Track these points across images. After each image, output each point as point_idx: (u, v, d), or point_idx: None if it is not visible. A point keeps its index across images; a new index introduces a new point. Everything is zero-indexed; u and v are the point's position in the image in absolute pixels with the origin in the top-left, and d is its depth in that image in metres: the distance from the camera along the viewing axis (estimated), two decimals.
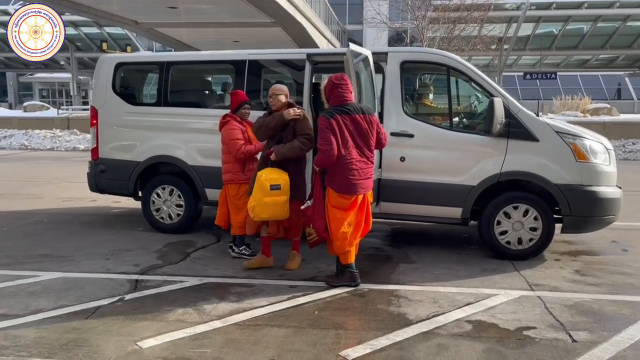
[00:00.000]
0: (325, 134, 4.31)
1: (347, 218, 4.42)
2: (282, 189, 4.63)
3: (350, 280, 4.55)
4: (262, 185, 4.59)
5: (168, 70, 6.47)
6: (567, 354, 3.35)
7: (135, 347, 3.38)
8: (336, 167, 4.36)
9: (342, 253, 4.51)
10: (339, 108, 4.39)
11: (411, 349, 3.41)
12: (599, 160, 5.25)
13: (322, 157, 4.34)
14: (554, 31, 30.46)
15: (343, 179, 4.36)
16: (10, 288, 4.47)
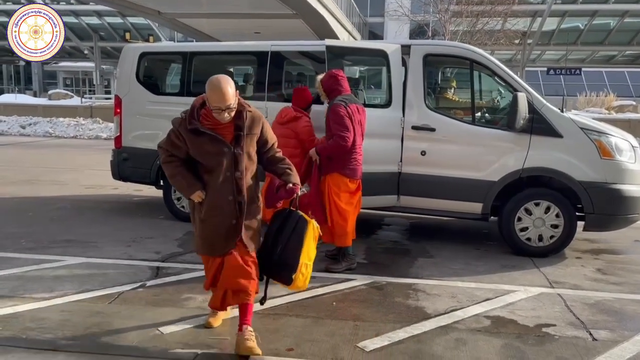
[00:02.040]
0: (345, 121, 4.52)
1: (354, 201, 4.74)
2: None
3: (350, 263, 4.80)
4: (316, 234, 3.40)
5: (191, 60, 6.52)
6: (587, 352, 3.33)
7: (157, 333, 3.44)
8: (349, 154, 4.59)
9: (343, 235, 4.71)
10: (347, 97, 4.65)
11: (429, 343, 3.42)
12: (624, 157, 5.17)
13: (340, 144, 4.49)
14: (580, 26, 29.95)
15: (354, 164, 4.65)
16: (35, 272, 4.58)
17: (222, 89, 2.97)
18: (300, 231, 3.26)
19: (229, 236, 3.16)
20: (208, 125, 3.07)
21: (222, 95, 2.97)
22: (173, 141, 3.15)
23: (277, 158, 3.35)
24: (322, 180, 4.72)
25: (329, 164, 4.63)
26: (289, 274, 3.23)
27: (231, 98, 2.99)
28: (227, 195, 3.12)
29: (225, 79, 3.02)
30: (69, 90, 33.78)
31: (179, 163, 3.18)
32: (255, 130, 3.17)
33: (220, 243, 3.18)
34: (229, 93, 2.98)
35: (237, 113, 3.09)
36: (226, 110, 3.00)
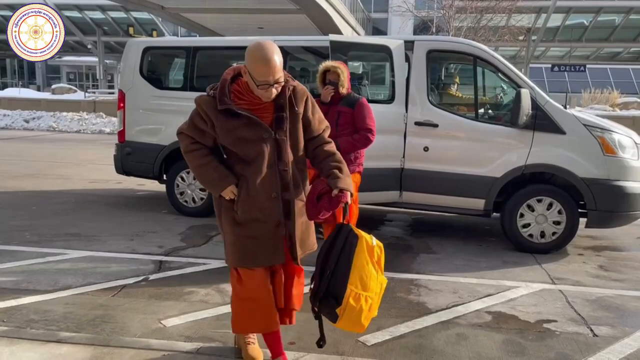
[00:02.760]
0: (373, 115, 4.58)
1: (356, 196, 4.75)
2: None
3: None
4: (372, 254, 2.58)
5: (195, 55, 6.53)
6: (588, 348, 3.34)
7: (160, 325, 3.47)
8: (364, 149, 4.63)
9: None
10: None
11: (430, 337, 3.44)
12: (627, 154, 5.17)
13: (370, 139, 4.49)
14: (585, 22, 29.84)
15: (363, 159, 4.68)
16: (39, 265, 4.61)
17: (271, 58, 2.36)
18: (349, 250, 2.50)
19: (274, 244, 2.59)
20: (243, 104, 2.48)
21: (271, 66, 2.35)
22: (197, 125, 2.53)
23: (326, 151, 2.64)
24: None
25: (357, 162, 4.60)
26: (332, 308, 2.49)
27: (280, 70, 2.40)
28: (270, 191, 2.52)
29: (272, 46, 2.40)
30: (73, 84, 33.83)
31: (206, 151, 2.58)
32: (299, 109, 2.56)
33: (263, 252, 2.58)
34: (278, 64, 2.38)
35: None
36: (274, 85, 2.40)
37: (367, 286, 2.48)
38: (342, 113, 4.47)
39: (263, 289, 2.62)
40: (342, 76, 4.46)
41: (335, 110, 4.47)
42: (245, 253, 2.57)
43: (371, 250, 2.51)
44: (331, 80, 4.47)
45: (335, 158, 2.61)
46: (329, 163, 2.59)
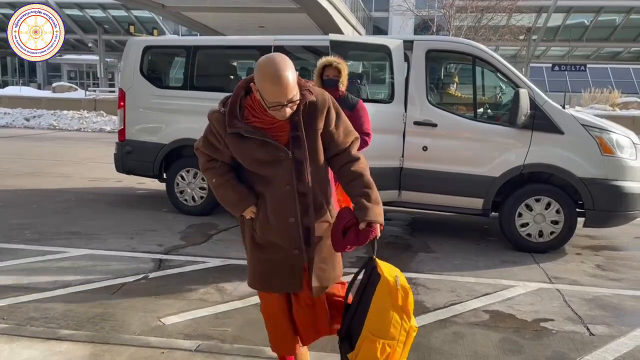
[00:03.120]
0: (369, 117, 4.38)
1: None
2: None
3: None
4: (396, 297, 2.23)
5: (194, 54, 6.55)
6: (584, 347, 3.36)
7: (159, 324, 3.49)
8: None
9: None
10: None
11: (427, 336, 3.46)
12: (625, 154, 5.19)
13: (368, 143, 4.21)
14: (585, 22, 29.79)
15: None
16: (40, 263, 4.64)
17: (282, 77, 2.07)
18: (370, 290, 2.27)
19: (290, 271, 2.36)
20: (256, 122, 2.23)
21: (281, 86, 2.08)
22: (211, 142, 2.31)
23: (352, 172, 2.34)
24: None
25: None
26: (345, 353, 2.34)
27: (293, 88, 2.12)
28: (288, 216, 2.29)
29: (283, 62, 2.10)
30: (73, 83, 33.85)
31: (224, 169, 2.36)
32: (317, 124, 2.27)
33: (278, 278, 2.39)
34: (290, 82, 2.09)
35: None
36: (288, 105, 2.14)
37: (385, 333, 2.19)
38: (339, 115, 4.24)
39: (279, 315, 2.48)
40: (343, 73, 4.20)
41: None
42: (260, 275, 2.42)
43: (394, 293, 2.18)
44: (330, 76, 4.21)
45: (363, 181, 2.32)
46: (356, 189, 2.32)
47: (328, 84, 4.19)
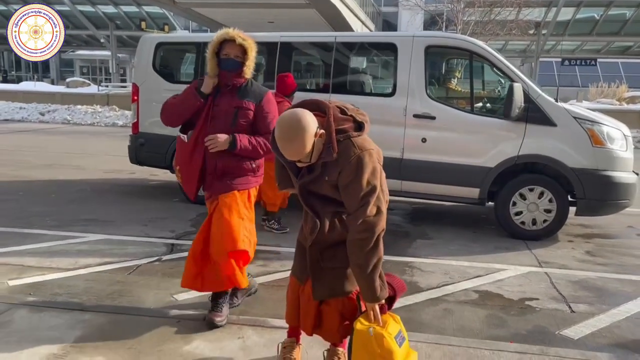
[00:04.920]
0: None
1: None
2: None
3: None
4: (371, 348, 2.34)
5: (205, 50, 6.81)
6: (564, 322, 3.62)
7: (172, 299, 3.81)
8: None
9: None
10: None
11: (419, 312, 3.74)
12: (615, 146, 5.41)
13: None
14: (595, 16, 29.66)
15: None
16: (61, 246, 4.97)
17: (284, 147, 2.24)
18: (350, 346, 2.41)
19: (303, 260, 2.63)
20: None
21: (287, 154, 2.26)
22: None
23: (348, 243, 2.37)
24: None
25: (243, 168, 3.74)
26: None
27: (301, 154, 2.22)
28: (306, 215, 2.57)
29: (294, 130, 2.19)
30: (86, 78, 34.35)
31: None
32: (329, 177, 2.34)
33: (297, 262, 2.70)
34: (297, 150, 2.21)
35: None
36: (297, 162, 2.33)
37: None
38: (242, 110, 3.19)
39: (290, 293, 2.75)
40: (249, 54, 3.16)
41: (232, 103, 3.19)
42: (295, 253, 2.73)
43: (367, 342, 2.31)
44: (231, 55, 3.13)
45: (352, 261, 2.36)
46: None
47: (226, 65, 3.14)
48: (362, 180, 2.26)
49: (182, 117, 3.28)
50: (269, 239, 5.39)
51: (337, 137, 2.27)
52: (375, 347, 2.29)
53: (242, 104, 3.18)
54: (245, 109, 3.18)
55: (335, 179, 2.31)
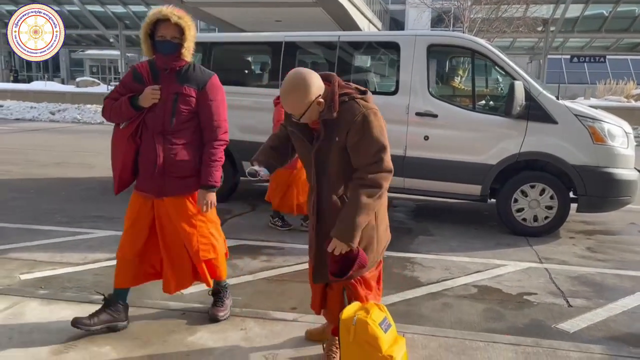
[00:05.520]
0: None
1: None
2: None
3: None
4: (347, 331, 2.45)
5: (211, 50, 6.95)
6: (561, 316, 3.69)
7: (178, 293, 3.89)
8: None
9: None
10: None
11: (418, 305, 3.83)
12: (616, 143, 5.45)
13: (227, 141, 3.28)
14: (604, 13, 29.46)
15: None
16: (71, 242, 5.11)
17: (284, 97, 2.42)
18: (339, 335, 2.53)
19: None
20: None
21: (286, 105, 2.45)
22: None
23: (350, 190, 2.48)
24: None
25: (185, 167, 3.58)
26: None
27: (298, 108, 2.40)
28: (311, 193, 2.67)
29: (293, 83, 2.39)
30: (95, 77, 34.66)
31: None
32: (339, 138, 2.44)
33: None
34: (293, 103, 2.40)
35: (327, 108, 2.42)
36: (300, 119, 2.47)
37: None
38: (182, 96, 2.92)
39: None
40: (187, 34, 2.88)
41: (171, 89, 2.91)
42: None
43: (350, 329, 2.41)
44: (167, 37, 2.85)
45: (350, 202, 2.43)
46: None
47: (163, 48, 2.88)
48: (371, 137, 2.37)
49: (119, 121, 3.04)
50: (272, 235, 5.49)
51: (341, 98, 2.42)
52: (361, 334, 2.38)
53: (182, 89, 2.91)
54: (186, 95, 2.92)
55: (344, 140, 2.40)
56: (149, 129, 2.95)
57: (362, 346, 2.39)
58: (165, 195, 3.01)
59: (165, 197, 3.02)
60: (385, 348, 2.39)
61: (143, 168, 3.01)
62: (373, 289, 2.74)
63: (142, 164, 3.01)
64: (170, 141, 2.95)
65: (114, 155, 3.09)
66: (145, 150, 2.97)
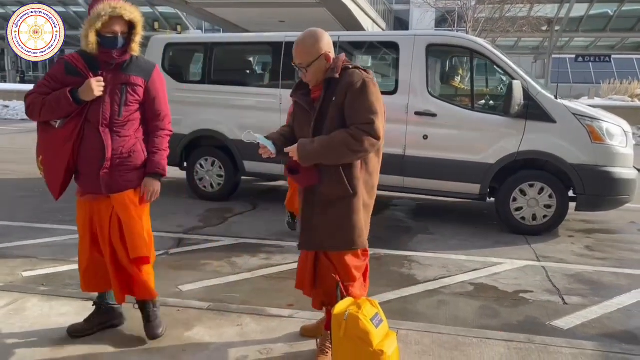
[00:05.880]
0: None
1: None
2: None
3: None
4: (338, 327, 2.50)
5: (212, 50, 7.01)
6: (556, 314, 3.72)
7: (177, 290, 3.97)
8: None
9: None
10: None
11: (414, 303, 3.86)
12: (615, 142, 5.47)
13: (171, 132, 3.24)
14: (609, 12, 29.38)
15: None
16: (73, 240, 5.12)
17: (296, 42, 2.62)
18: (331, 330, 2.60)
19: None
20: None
21: (294, 48, 2.62)
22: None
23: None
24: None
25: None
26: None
27: (301, 54, 2.59)
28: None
29: (308, 32, 2.63)
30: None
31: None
32: (337, 99, 2.58)
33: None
34: (301, 48, 2.59)
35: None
36: (300, 69, 2.63)
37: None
38: (130, 86, 2.84)
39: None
40: (139, 27, 2.84)
41: (118, 79, 2.81)
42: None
43: (341, 324, 2.45)
44: (118, 33, 2.75)
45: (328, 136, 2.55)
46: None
47: (111, 44, 2.75)
48: (367, 101, 2.52)
49: (54, 118, 2.81)
50: (272, 234, 5.53)
51: (345, 64, 2.61)
52: (352, 329, 2.43)
53: (129, 79, 2.82)
54: (134, 84, 2.84)
55: (341, 102, 2.55)
56: (92, 123, 2.79)
57: (353, 341, 2.43)
58: (113, 191, 2.87)
59: (113, 193, 2.88)
60: (376, 343, 2.43)
61: (87, 167, 2.85)
62: (357, 280, 2.77)
63: (85, 163, 2.85)
64: (119, 133, 2.84)
65: (52, 158, 2.88)
66: (89, 147, 2.82)
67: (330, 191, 2.62)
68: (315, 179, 2.63)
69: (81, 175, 2.91)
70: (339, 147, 2.51)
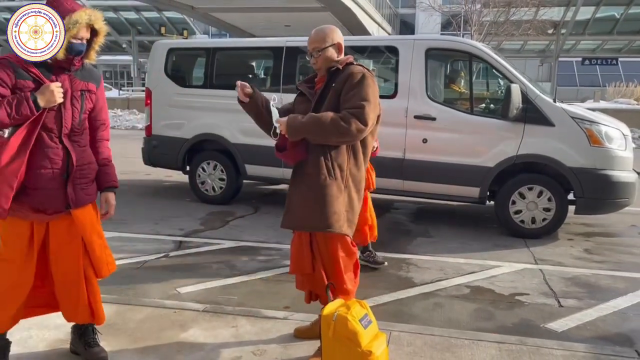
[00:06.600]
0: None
1: None
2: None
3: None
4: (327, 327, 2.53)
5: (214, 55, 7.09)
6: (551, 316, 3.73)
7: (175, 292, 4.03)
8: None
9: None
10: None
11: (410, 305, 3.89)
12: (614, 145, 5.47)
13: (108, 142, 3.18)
14: (616, 15, 29.31)
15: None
16: None
17: (316, 29, 2.90)
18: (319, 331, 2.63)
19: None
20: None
21: (311, 34, 2.89)
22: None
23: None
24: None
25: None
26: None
27: (315, 41, 2.84)
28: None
29: (326, 26, 2.94)
30: (108, 82, 35.15)
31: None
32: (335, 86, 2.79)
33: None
34: (316, 34, 2.86)
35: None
36: (313, 55, 2.86)
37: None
38: (88, 93, 2.70)
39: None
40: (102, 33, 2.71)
41: (76, 86, 2.65)
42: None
43: (330, 325, 2.49)
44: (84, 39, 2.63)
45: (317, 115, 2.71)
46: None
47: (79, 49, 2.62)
48: (363, 90, 2.69)
49: (4, 126, 2.45)
50: (272, 237, 5.57)
51: (350, 60, 2.84)
52: (341, 330, 2.46)
53: (87, 86, 2.67)
54: (91, 92, 2.70)
55: (340, 88, 2.74)
56: (49, 132, 2.53)
57: (342, 341, 2.46)
58: (78, 206, 2.63)
59: (77, 208, 2.63)
60: (364, 343, 2.46)
61: (44, 181, 2.53)
62: (345, 271, 2.86)
63: (41, 177, 2.52)
64: (79, 143, 2.65)
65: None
66: (48, 158, 2.53)
67: (315, 171, 2.73)
68: (302, 155, 2.78)
69: (33, 190, 2.52)
70: (326, 125, 2.64)
